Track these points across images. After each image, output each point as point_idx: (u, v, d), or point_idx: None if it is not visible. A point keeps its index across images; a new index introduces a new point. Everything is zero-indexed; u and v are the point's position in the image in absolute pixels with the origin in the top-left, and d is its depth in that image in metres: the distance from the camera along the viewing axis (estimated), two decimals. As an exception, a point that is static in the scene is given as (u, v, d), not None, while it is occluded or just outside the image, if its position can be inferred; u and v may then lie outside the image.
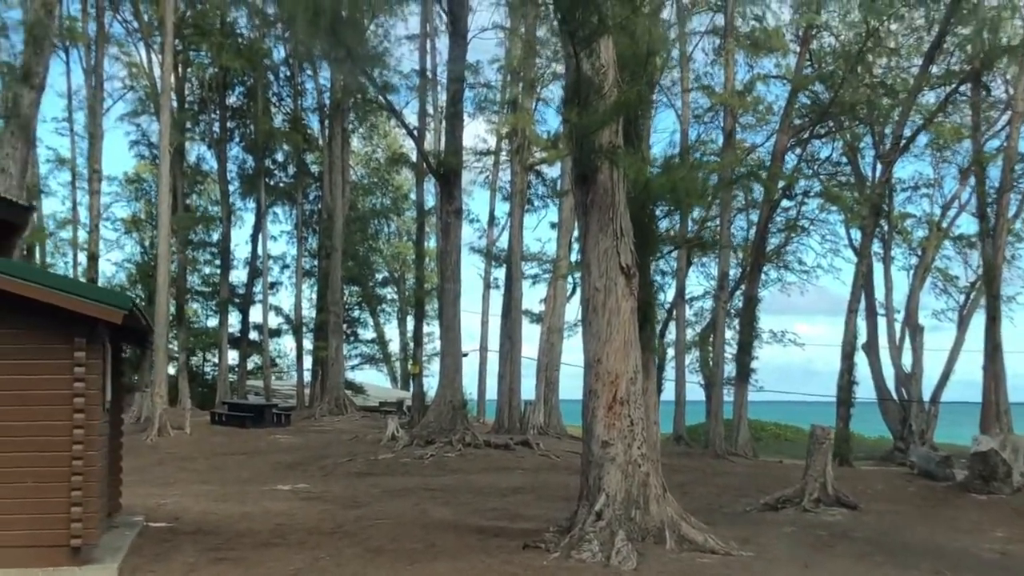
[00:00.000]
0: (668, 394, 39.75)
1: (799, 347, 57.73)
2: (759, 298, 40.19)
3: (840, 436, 30.34)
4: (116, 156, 72.04)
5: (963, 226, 41.57)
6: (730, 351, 40.16)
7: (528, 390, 39.48)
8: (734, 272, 41.71)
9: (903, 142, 36.32)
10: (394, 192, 60.06)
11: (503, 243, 43.76)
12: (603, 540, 12.89)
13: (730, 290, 40.33)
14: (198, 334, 53.66)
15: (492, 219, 46.44)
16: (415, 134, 36.35)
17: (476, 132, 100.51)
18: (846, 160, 41.95)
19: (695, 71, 40.97)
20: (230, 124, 50.00)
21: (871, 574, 12.94)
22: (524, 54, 36.37)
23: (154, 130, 46.45)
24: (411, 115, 40.81)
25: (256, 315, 51.07)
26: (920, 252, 41.42)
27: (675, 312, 40.45)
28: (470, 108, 38.67)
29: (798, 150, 40.97)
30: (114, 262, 59.82)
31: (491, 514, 17.52)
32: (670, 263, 39.09)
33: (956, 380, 39.38)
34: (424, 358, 48.08)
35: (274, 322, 55.54)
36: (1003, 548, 15.32)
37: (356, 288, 57.02)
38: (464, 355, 36.54)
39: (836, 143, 41.67)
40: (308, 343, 50.64)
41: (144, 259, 54.67)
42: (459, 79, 31.78)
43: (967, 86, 36.26)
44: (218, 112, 48.94)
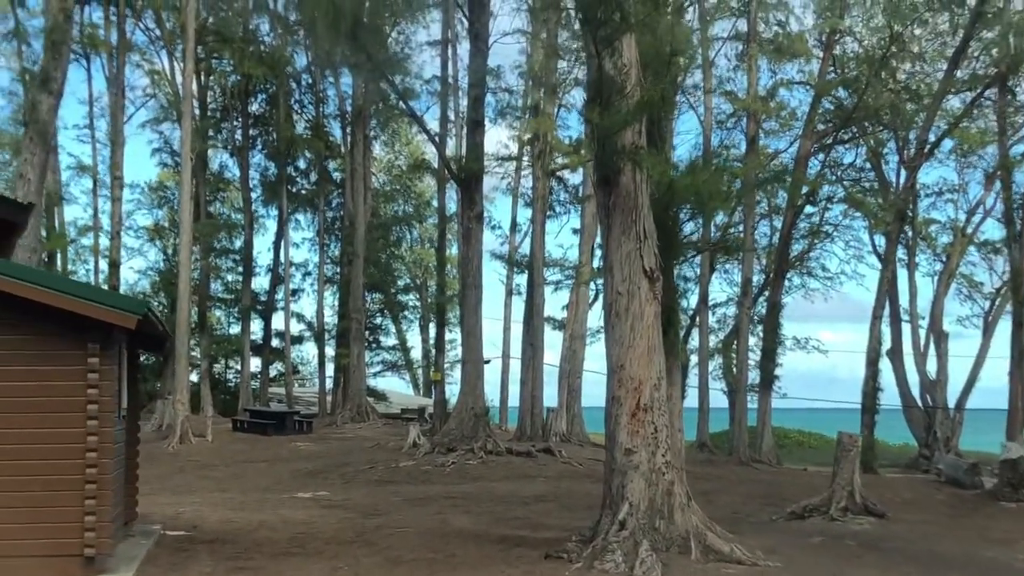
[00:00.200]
0: (691, 401, 39.33)
1: (822, 354, 57.07)
2: (782, 304, 40.00)
3: (865, 443, 29.91)
4: (138, 163, 72.08)
5: (988, 231, 41.12)
6: (753, 358, 39.95)
7: (550, 397, 39.26)
8: (757, 278, 41.45)
9: (928, 147, 35.91)
10: (416, 199, 59.93)
11: (525, 249, 43.54)
12: (626, 550, 12.61)
13: (753, 296, 40.08)
14: (220, 341, 53.61)
15: (514, 225, 46.20)
16: (436, 140, 36.19)
17: (498, 138, 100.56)
18: (870, 166, 41.53)
19: (718, 77, 40.67)
20: (252, 131, 50.03)
21: (902, 586, 12.65)
22: (546, 59, 36.13)
23: (176, 137, 46.45)
24: (432, 121, 40.64)
25: (278, 322, 50.97)
26: (945, 258, 41.07)
27: (698, 318, 40.12)
28: (491, 114, 38.48)
29: (821, 156, 40.66)
30: (137, 270, 59.88)
31: (513, 523, 17.27)
32: (693, 268, 38.75)
33: (981, 387, 39.17)
34: (446, 365, 47.92)
35: (296, 329, 55.42)
36: (1036, 558, 14.97)
37: (378, 295, 56.83)
38: (486, 362, 36.30)
39: (860, 149, 41.27)
40: (330, 350, 50.56)
41: (167, 267, 54.70)
42: (480, 84, 31.58)
43: (992, 90, 35.80)
44: (240, 119, 48.92)
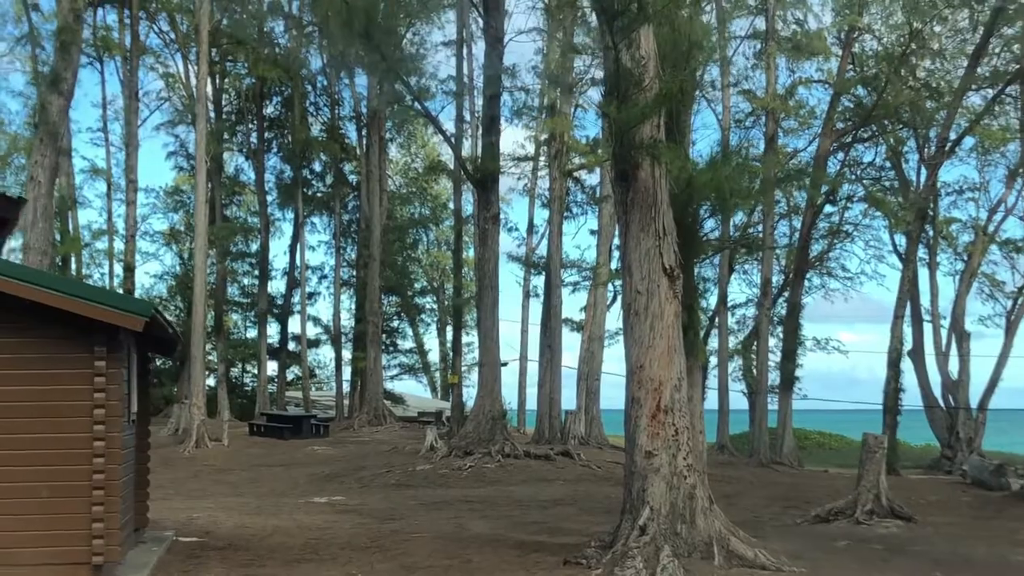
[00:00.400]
0: (711, 402, 38.98)
1: (843, 354, 56.79)
2: (803, 305, 39.69)
3: (887, 444, 29.61)
4: (153, 167, 72.23)
5: (1010, 230, 40.96)
6: (773, 359, 39.62)
7: (569, 400, 38.93)
8: (777, 279, 41.14)
9: (948, 145, 35.51)
10: (432, 201, 59.71)
11: (542, 251, 43.27)
12: (647, 556, 12.24)
13: (773, 297, 39.77)
14: (237, 345, 53.50)
15: (531, 227, 45.97)
16: (451, 140, 35.95)
17: (515, 139, 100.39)
18: (890, 164, 41.16)
19: (735, 76, 40.40)
20: (268, 134, 49.97)
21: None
22: (562, 57, 35.86)
23: (192, 140, 46.40)
24: (448, 122, 40.43)
25: (295, 326, 50.88)
26: (966, 257, 40.68)
27: (717, 319, 39.79)
28: (507, 113, 38.24)
29: (841, 155, 40.32)
30: (153, 274, 59.82)
31: (531, 528, 16.95)
32: (712, 269, 38.46)
33: (1004, 387, 38.87)
34: (464, 368, 47.69)
35: (313, 332, 55.36)
36: (1069, 562, 14.54)
37: (395, 298, 56.63)
38: (503, 365, 36.01)
39: (879, 147, 40.95)
40: (347, 353, 50.36)
41: (183, 271, 54.66)
42: (495, 83, 31.31)
43: (1014, 87, 35.39)
44: (255, 122, 48.84)
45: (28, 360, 11.22)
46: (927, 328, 39.55)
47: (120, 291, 38.71)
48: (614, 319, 41.47)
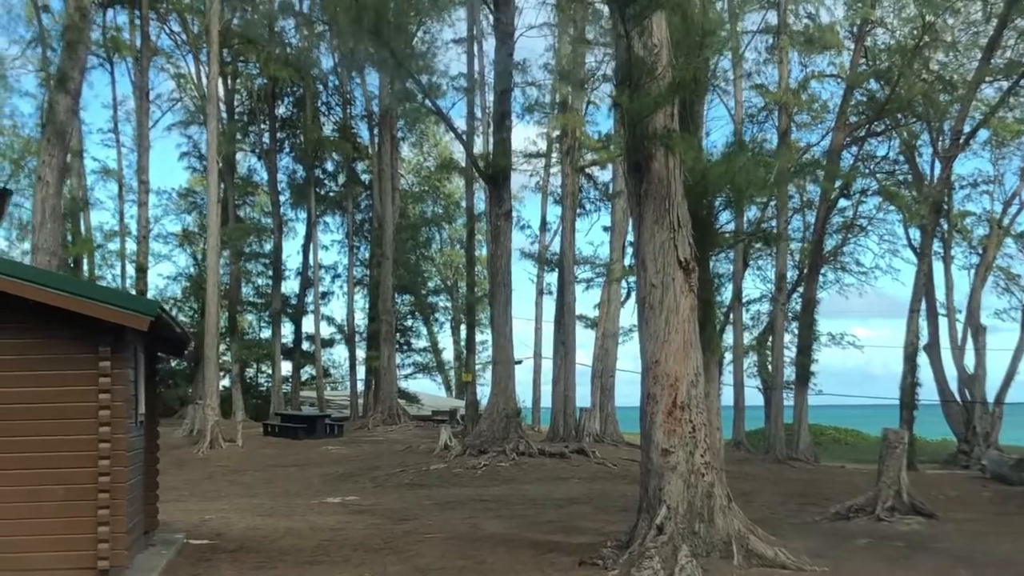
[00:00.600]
0: (726, 398, 38.80)
1: (858, 349, 56.45)
2: (818, 300, 39.39)
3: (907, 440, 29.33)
4: (166, 168, 72.11)
5: (1025, 223, 40.34)
6: (788, 355, 39.33)
7: (583, 397, 38.70)
8: (791, 274, 40.85)
9: (963, 138, 35.14)
10: (445, 199, 59.52)
11: (555, 248, 43.03)
12: (665, 556, 11.99)
13: (788, 292, 39.48)
14: (251, 346, 53.34)
15: (544, 223, 45.71)
16: (463, 137, 35.72)
17: (527, 135, 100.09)
18: (903, 158, 40.77)
19: (748, 70, 40.02)
20: (280, 134, 49.85)
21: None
22: (574, 51, 35.58)
23: (204, 141, 46.30)
24: (459, 119, 40.19)
25: (309, 325, 50.75)
26: (981, 250, 40.32)
27: (732, 315, 39.46)
28: (518, 109, 37.96)
29: (854, 149, 39.95)
30: (167, 276, 59.74)
31: (546, 527, 16.72)
32: (726, 264, 38.17)
33: (1021, 380, 38.45)
34: (478, 366, 47.46)
35: (326, 332, 55.24)
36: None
37: (408, 296, 56.47)
38: (517, 363, 35.75)
39: (893, 141, 40.56)
40: (361, 352, 50.17)
41: (197, 272, 54.59)
42: (506, 78, 31.07)
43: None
44: (268, 122, 48.73)
45: (32, 361, 11.05)
46: (942, 322, 39.22)
47: (132, 292, 38.62)
48: (628, 316, 41.24)
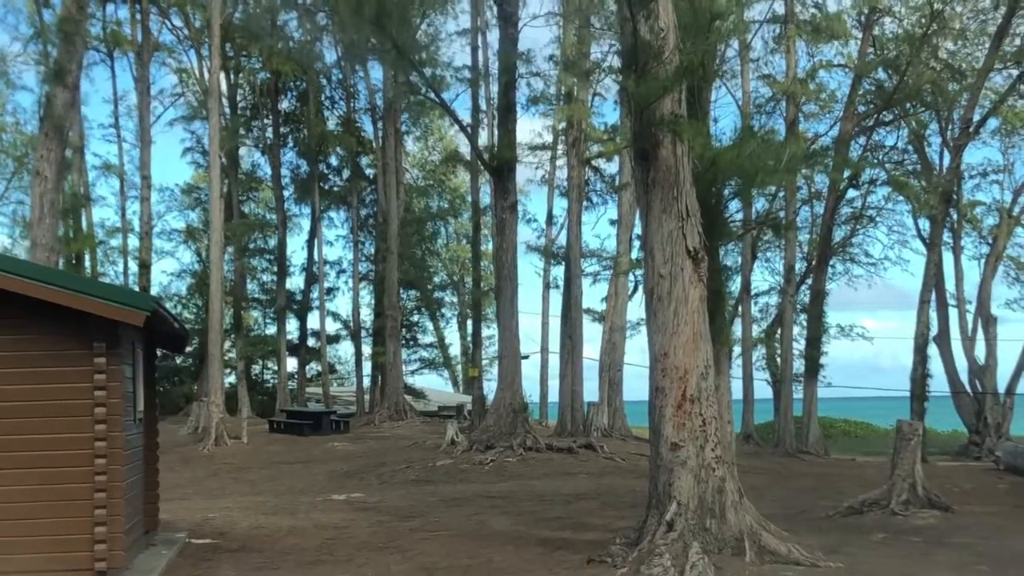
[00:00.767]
0: (735, 391, 38.45)
1: (867, 340, 55.96)
2: (827, 291, 39.07)
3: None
4: (169, 164, 71.80)
5: (1035, 212, 40.00)
6: (797, 347, 39.06)
7: (591, 392, 38.39)
8: (800, 266, 40.53)
9: (972, 126, 34.79)
10: (451, 194, 59.19)
11: (562, 241, 42.70)
12: (675, 553, 11.67)
13: (796, 283, 39.17)
14: (256, 342, 53.04)
15: (550, 217, 45.39)
16: (467, 129, 35.40)
17: (532, 128, 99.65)
18: (912, 148, 40.41)
19: (755, 60, 39.69)
20: (283, 129, 49.55)
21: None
22: (579, 41, 35.23)
23: (207, 136, 46.00)
24: (464, 111, 39.89)
25: (314, 321, 50.47)
26: (991, 240, 40.03)
27: (740, 307, 39.12)
28: (523, 101, 37.60)
29: (862, 139, 39.60)
30: (170, 272, 59.36)
31: (554, 523, 16.44)
32: (735, 256, 37.80)
33: (1032, 371, 37.92)
34: (484, 361, 47.15)
35: (332, 328, 54.85)
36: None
37: (414, 292, 56.19)
38: (524, 357, 35.46)
39: (902, 131, 40.21)
40: (367, 348, 49.85)
41: (202, 268, 54.31)
42: (511, 68, 30.74)
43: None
44: (271, 117, 48.48)
45: (26, 358, 10.82)
46: (953, 313, 39.06)
47: (135, 288, 38.35)
48: (636, 309, 40.87)
